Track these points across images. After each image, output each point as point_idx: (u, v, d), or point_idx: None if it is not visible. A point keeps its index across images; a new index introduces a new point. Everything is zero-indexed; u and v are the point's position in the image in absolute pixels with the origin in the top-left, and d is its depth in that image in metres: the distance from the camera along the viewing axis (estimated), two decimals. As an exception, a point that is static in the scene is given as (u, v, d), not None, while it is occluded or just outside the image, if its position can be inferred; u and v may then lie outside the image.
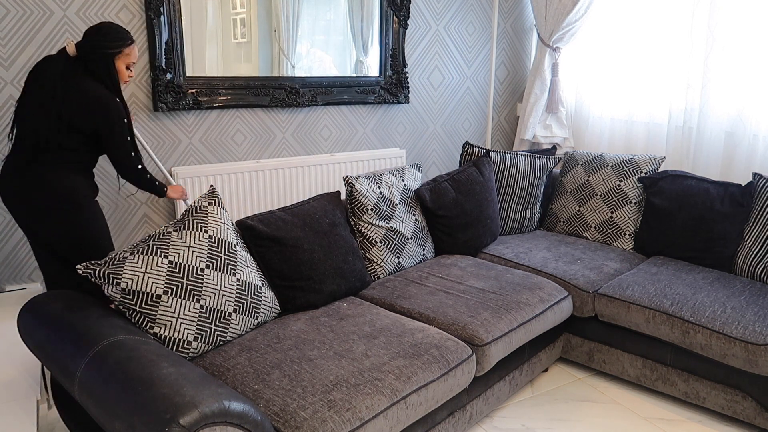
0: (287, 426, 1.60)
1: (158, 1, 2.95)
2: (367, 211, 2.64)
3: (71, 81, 2.21)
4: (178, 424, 1.26)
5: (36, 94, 2.22)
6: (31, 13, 2.72)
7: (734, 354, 2.25)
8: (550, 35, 4.06)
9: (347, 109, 3.77)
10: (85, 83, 2.23)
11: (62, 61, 2.23)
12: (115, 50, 2.27)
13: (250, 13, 3.34)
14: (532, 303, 2.45)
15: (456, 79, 4.23)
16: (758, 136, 3.24)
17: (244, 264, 2.09)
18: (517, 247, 3.06)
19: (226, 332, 1.99)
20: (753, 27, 3.19)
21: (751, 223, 2.76)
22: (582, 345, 2.76)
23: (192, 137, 3.23)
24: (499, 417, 2.45)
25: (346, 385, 1.76)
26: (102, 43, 2.24)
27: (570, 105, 4.27)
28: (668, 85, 3.63)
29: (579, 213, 3.28)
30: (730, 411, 2.37)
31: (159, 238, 1.92)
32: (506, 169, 3.25)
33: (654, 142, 3.78)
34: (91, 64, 2.25)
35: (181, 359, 1.59)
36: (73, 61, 2.24)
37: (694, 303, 2.43)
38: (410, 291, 2.49)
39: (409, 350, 1.98)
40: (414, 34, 3.94)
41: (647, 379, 2.57)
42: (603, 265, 2.86)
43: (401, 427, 1.83)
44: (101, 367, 1.51)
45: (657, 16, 3.65)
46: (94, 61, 2.25)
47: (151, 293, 1.83)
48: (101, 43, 2.24)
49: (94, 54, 2.24)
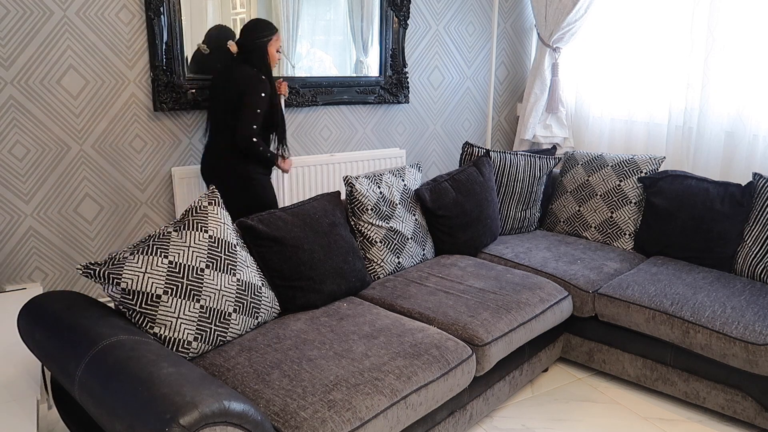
0: (287, 426, 1.60)
1: (158, 1, 2.95)
2: (367, 211, 2.64)
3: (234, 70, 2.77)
4: (178, 424, 1.26)
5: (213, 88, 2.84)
6: (31, 13, 2.73)
7: (734, 354, 2.25)
8: (550, 35, 4.06)
9: (347, 109, 3.77)
10: (241, 67, 2.77)
11: (229, 60, 2.82)
12: (265, 38, 2.79)
13: (250, 13, 3.34)
14: (532, 303, 2.45)
15: (456, 79, 4.23)
16: (758, 136, 3.24)
17: (244, 264, 2.09)
18: (517, 247, 3.06)
19: (226, 332, 1.99)
20: (753, 27, 3.19)
21: (751, 223, 2.76)
22: (582, 345, 2.76)
23: (192, 137, 3.23)
24: (499, 417, 2.45)
25: (346, 385, 1.76)
26: (260, 33, 2.78)
27: (570, 105, 4.27)
28: (668, 85, 3.63)
29: (579, 213, 3.28)
30: (730, 411, 2.37)
31: (159, 238, 1.91)
32: (506, 169, 3.25)
33: (654, 142, 3.78)
34: (249, 53, 2.78)
35: (181, 359, 1.59)
36: (234, 57, 2.80)
37: (694, 303, 2.43)
38: (410, 291, 2.49)
39: (409, 350, 1.98)
40: (414, 34, 3.94)
41: (647, 379, 2.57)
42: (603, 265, 2.86)
43: (401, 427, 1.83)
44: (101, 367, 1.50)
45: (657, 16, 3.65)
46: (252, 50, 2.78)
47: (151, 293, 1.83)
48: (259, 33, 2.78)
49: (253, 44, 2.77)
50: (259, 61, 2.79)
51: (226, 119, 2.77)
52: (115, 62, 2.96)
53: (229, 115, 2.75)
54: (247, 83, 2.72)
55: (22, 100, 2.77)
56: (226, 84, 2.78)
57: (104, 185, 3.05)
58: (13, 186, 2.83)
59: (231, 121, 2.74)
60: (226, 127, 2.77)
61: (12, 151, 2.80)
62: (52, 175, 2.91)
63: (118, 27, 2.94)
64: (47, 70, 2.81)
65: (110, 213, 3.09)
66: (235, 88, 2.73)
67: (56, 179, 2.92)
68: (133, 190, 3.13)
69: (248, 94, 2.71)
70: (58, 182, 2.93)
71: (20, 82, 2.76)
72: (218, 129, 2.83)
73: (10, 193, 2.82)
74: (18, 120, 2.78)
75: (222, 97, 2.80)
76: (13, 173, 2.82)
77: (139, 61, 3.02)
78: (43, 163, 2.88)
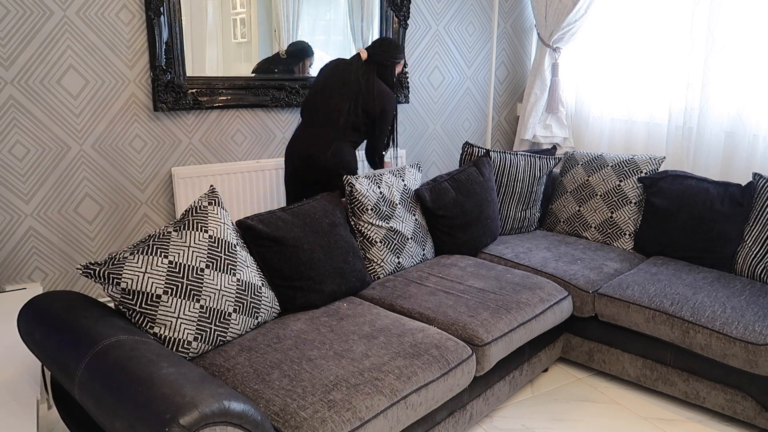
0: (287, 426, 1.60)
1: (158, 1, 2.95)
2: (367, 211, 2.64)
3: (371, 79, 2.88)
4: (178, 424, 1.26)
5: (340, 86, 2.88)
6: (31, 13, 2.73)
7: (734, 354, 2.25)
8: (550, 35, 4.06)
9: (347, 109, 3.76)
10: (377, 81, 2.90)
11: (362, 65, 2.90)
12: (399, 60, 2.99)
13: (250, 13, 3.34)
14: (532, 303, 2.45)
15: (456, 79, 4.23)
16: (758, 136, 3.24)
17: (244, 264, 2.09)
18: (517, 247, 3.06)
19: (226, 332, 1.99)
20: (753, 27, 3.19)
21: (751, 223, 2.76)
22: (582, 345, 2.76)
23: (192, 137, 3.23)
24: (499, 417, 2.45)
25: (346, 385, 1.76)
26: (394, 54, 2.96)
27: (570, 105, 4.27)
28: (668, 85, 3.63)
29: (579, 213, 3.28)
30: (730, 411, 2.37)
31: (159, 238, 1.91)
32: (506, 169, 3.25)
33: (654, 142, 3.78)
34: (382, 68, 2.93)
35: (181, 359, 1.59)
36: (366, 65, 2.90)
37: (694, 303, 2.43)
38: (410, 291, 2.49)
39: (409, 350, 1.98)
40: (414, 34, 3.94)
41: (647, 379, 2.57)
42: (603, 265, 2.86)
43: (401, 427, 1.83)
44: (101, 367, 1.50)
45: (657, 16, 3.65)
46: (385, 66, 2.94)
47: (151, 293, 1.83)
48: (394, 54, 2.95)
49: (387, 61, 2.94)
50: (390, 78, 2.97)
51: (347, 115, 2.86)
52: (115, 62, 2.96)
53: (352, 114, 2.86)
54: (390, 102, 2.91)
55: (22, 100, 2.77)
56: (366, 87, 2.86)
57: (104, 185, 3.05)
58: (13, 186, 2.83)
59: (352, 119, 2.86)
60: (345, 122, 2.86)
61: (12, 151, 2.80)
62: (52, 175, 2.91)
63: (118, 27, 2.94)
64: (47, 70, 2.81)
65: (110, 213, 3.09)
66: (376, 100, 2.86)
67: (56, 179, 2.92)
68: (133, 190, 3.13)
69: (389, 112, 2.91)
70: (58, 182, 2.93)
71: (20, 82, 2.76)
72: (330, 120, 2.87)
73: (10, 193, 2.82)
74: (18, 120, 2.78)
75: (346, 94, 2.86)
76: (13, 173, 2.82)
77: (139, 61, 3.02)
78: (43, 163, 2.88)
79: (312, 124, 2.92)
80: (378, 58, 2.92)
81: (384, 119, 2.91)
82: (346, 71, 2.91)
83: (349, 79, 2.88)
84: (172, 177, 3.16)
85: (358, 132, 2.92)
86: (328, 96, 2.90)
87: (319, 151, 2.85)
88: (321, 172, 2.85)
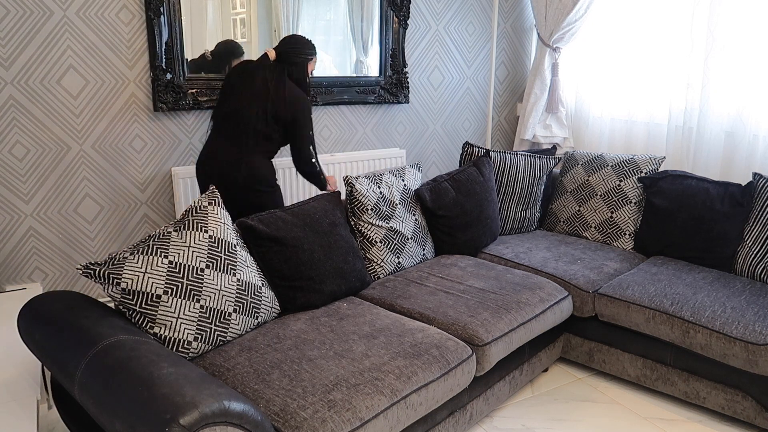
0: (287, 426, 1.60)
1: (158, 1, 2.95)
2: (367, 211, 2.64)
3: (281, 81, 2.66)
4: (178, 424, 1.26)
5: (245, 90, 2.66)
6: (31, 13, 2.73)
7: (734, 354, 2.25)
8: (550, 35, 4.06)
9: (347, 109, 3.77)
10: (288, 83, 2.68)
11: (269, 65, 2.68)
12: (311, 57, 2.77)
13: (250, 13, 3.34)
14: (532, 303, 2.45)
15: (456, 79, 4.23)
16: (758, 136, 3.24)
17: (244, 264, 2.09)
18: (517, 247, 3.06)
19: (226, 332, 1.99)
20: (753, 27, 3.19)
21: (751, 223, 2.76)
22: (582, 345, 2.76)
23: (192, 137, 3.23)
24: (499, 417, 2.45)
25: (346, 385, 1.76)
26: (304, 50, 2.74)
27: (570, 105, 4.27)
28: (668, 85, 3.63)
29: (579, 213, 3.28)
30: (730, 411, 2.37)
31: (159, 238, 1.91)
32: (506, 169, 3.25)
33: (654, 142, 3.78)
34: (292, 67, 2.71)
35: (181, 359, 1.59)
36: (275, 65, 2.69)
37: (694, 303, 2.43)
38: (410, 291, 2.49)
39: (409, 350, 1.98)
40: (414, 34, 3.94)
41: (647, 379, 2.57)
42: (603, 265, 2.86)
43: (401, 427, 1.83)
44: (101, 367, 1.51)
45: (657, 15, 3.65)
46: (296, 64, 2.71)
47: (151, 293, 1.83)
48: (303, 50, 2.74)
49: (298, 58, 2.71)
50: (302, 78, 2.75)
51: (257, 125, 2.63)
52: (115, 62, 2.96)
53: (262, 122, 2.64)
54: (301, 105, 2.67)
55: (22, 100, 2.77)
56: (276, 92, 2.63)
57: (104, 185, 3.05)
58: (13, 186, 2.83)
59: (263, 128, 2.64)
60: (255, 132, 2.64)
61: (12, 151, 2.80)
62: (52, 175, 2.91)
63: (118, 27, 2.94)
64: (47, 70, 2.81)
65: (110, 213, 3.09)
66: (287, 105, 2.64)
67: (56, 179, 2.92)
68: (133, 190, 3.13)
69: (301, 119, 2.68)
70: (58, 182, 2.93)
71: (20, 82, 2.76)
72: (239, 131, 2.65)
73: (10, 193, 2.82)
74: (18, 120, 2.78)
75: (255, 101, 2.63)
76: (13, 173, 2.82)
77: (139, 61, 3.02)
78: (43, 163, 2.88)
79: (220, 136, 2.71)
80: (287, 56, 2.70)
81: (296, 126, 2.68)
82: (254, 74, 2.67)
83: (257, 83, 2.65)
84: (172, 177, 3.16)
85: (271, 141, 2.70)
86: (235, 103, 2.66)
87: (230, 169, 2.64)
88: (235, 191, 2.64)
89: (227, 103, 2.70)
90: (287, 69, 2.69)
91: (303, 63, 2.74)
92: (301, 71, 2.74)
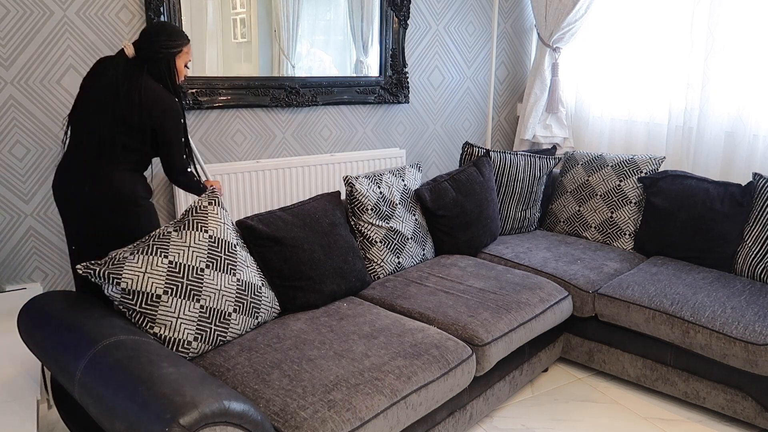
0: (287, 426, 1.60)
1: (158, 1, 2.95)
2: (367, 211, 2.64)
3: (134, 82, 2.20)
4: (178, 424, 1.26)
5: (97, 95, 2.22)
6: (31, 13, 2.73)
7: (734, 354, 2.25)
8: (550, 35, 4.06)
9: (347, 109, 3.77)
10: (148, 83, 2.22)
11: (122, 63, 2.22)
12: (177, 49, 2.27)
13: (250, 13, 3.34)
14: (532, 303, 2.45)
15: (456, 79, 4.23)
16: (758, 136, 3.24)
17: (244, 264, 2.09)
18: (517, 247, 3.06)
19: (226, 332, 1.99)
20: (753, 27, 3.19)
21: (751, 223, 2.76)
22: (582, 345, 2.76)
23: (192, 137, 3.23)
24: (499, 417, 2.45)
25: (346, 385, 1.76)
26: (166, 42, 2.24)
27: (570, 105, 4.27)
28: (668, 85, 3.63)
29: (579, 213, 3.28)
30: (730, 411, 2.37)
31: (159, 238, 1.92)
32: (506, 169, 3.25)
33: (654, 142, 3.78)
34: (153, 64, 2.24)
35: (181, 359, 1.59)
36: (132, 62, 2.22)
37: (694, 303, 2.43)
38: (410, 291, 2.49)
39: (409, 350, 1.98)
40: (414, 34, 3.94)
41: (647, 379, 2.57)
42: (603, 265, 2.86)
43: (401, 427, 1.83)
44: (101, 367, 1.51)
45: (657, 15, 3.65)
46: (156, 60, 2.24)
47: (151, 293, 1.83)
48: (165, 42, 2.24)
49: (158, 53, 2.23)
50: (167, 76, 2.28)
51: (113, 135, 2.19)
52: (115, 62, 2.96)
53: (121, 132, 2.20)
54: (164, 108, 2.23)
55: (22, 100, 2.77)
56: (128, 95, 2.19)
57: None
58: (13, 186, 2.83)
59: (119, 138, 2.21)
60: (110, 143, 2.19)
61: (12, 151, 2.80)
62: (52, 175, 2.90)
63: (118, 27, 2.94)
64: (47, 70, 2.81)
65: (110, 213, 3.09)
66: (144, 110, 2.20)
67: (56, 179, 2.92)
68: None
69: (170, 121, 2.25)
70: (58, 182, 2.93)
71: (20, 82, 2.76)
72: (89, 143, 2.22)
73: (10, 193, 2.82)
74: (18, 120, 2.78)
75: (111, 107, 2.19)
76: (13, 173, 2.82)
77: (139, 61, 3.02)
78: (43, 163, 2.88)
79: (72, 149, 2.27)
80: (145, 51, 2.22)
81: (164, 134, 2.25)
82: (103, 75, 2.23)
83: (104, 86, 2.20)
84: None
85: (135, 152, 2.26)
86: (85, 108, 2.24)
87: (75, 187, 2.21)
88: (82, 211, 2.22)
89: (76, 109, 2.27)
90: (147, 66, 2.24)
91: (166, 58, 2.25)
92: (165, 68, 2.27)
